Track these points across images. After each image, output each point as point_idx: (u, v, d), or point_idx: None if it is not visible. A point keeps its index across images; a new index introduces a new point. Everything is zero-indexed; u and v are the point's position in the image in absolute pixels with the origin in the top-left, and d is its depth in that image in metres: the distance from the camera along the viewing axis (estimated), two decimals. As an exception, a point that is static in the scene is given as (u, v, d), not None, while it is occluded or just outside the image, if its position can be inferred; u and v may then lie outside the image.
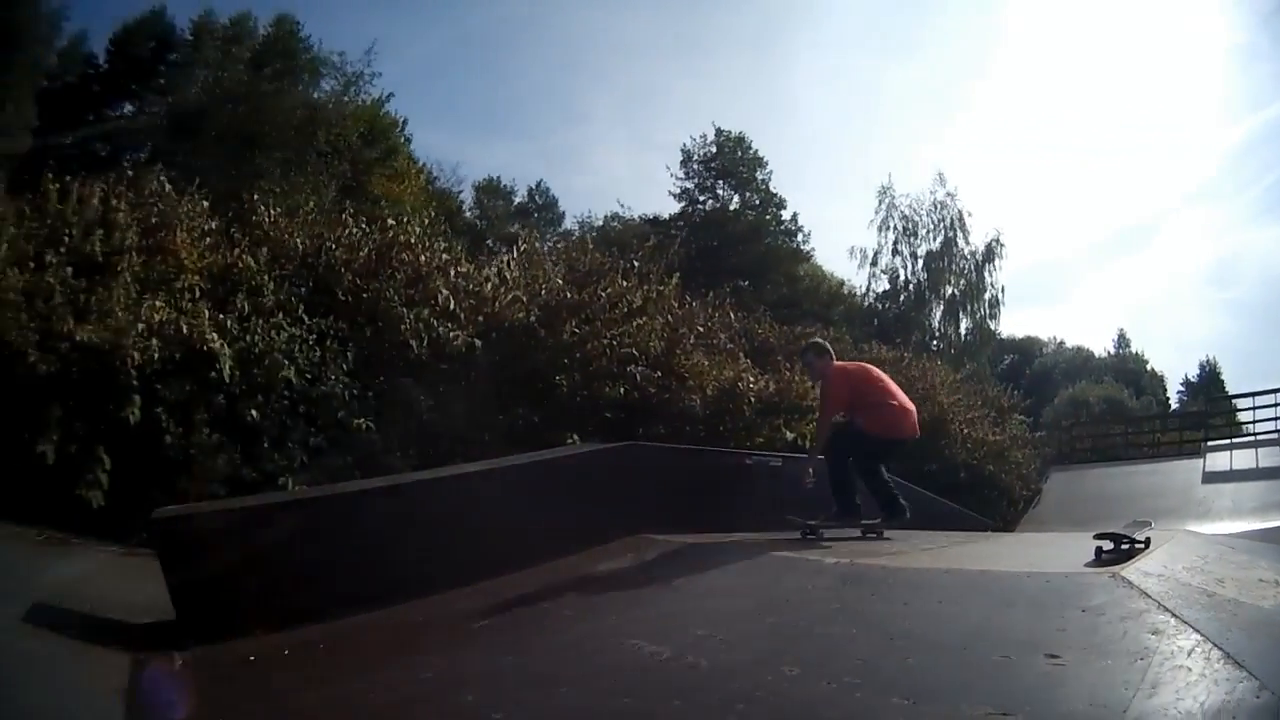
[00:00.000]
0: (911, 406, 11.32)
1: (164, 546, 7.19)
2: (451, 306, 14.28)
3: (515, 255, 17.59)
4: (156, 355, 11.27)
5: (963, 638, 5.53)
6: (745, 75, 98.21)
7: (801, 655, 5.44)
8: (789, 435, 16.72)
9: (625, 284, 16.71)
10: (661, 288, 17.75)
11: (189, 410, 11.37)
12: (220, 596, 6.93)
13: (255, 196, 16.74)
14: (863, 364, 12.12)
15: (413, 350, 13.46)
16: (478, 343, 13.98)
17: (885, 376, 11.49)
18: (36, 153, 35.03)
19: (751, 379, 17.80)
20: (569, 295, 15.68)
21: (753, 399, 17.11)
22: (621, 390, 15.04)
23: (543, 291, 15.74)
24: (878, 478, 11.04)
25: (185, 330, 11.53)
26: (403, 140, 49.43)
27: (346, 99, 44.14)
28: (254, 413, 11.72)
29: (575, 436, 13.64)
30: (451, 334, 13.79)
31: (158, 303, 11.83)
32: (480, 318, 14.60)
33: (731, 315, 21.58)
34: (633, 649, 5.90)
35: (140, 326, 11.33)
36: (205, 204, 14.33)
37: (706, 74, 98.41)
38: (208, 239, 13.56)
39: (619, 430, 14.29)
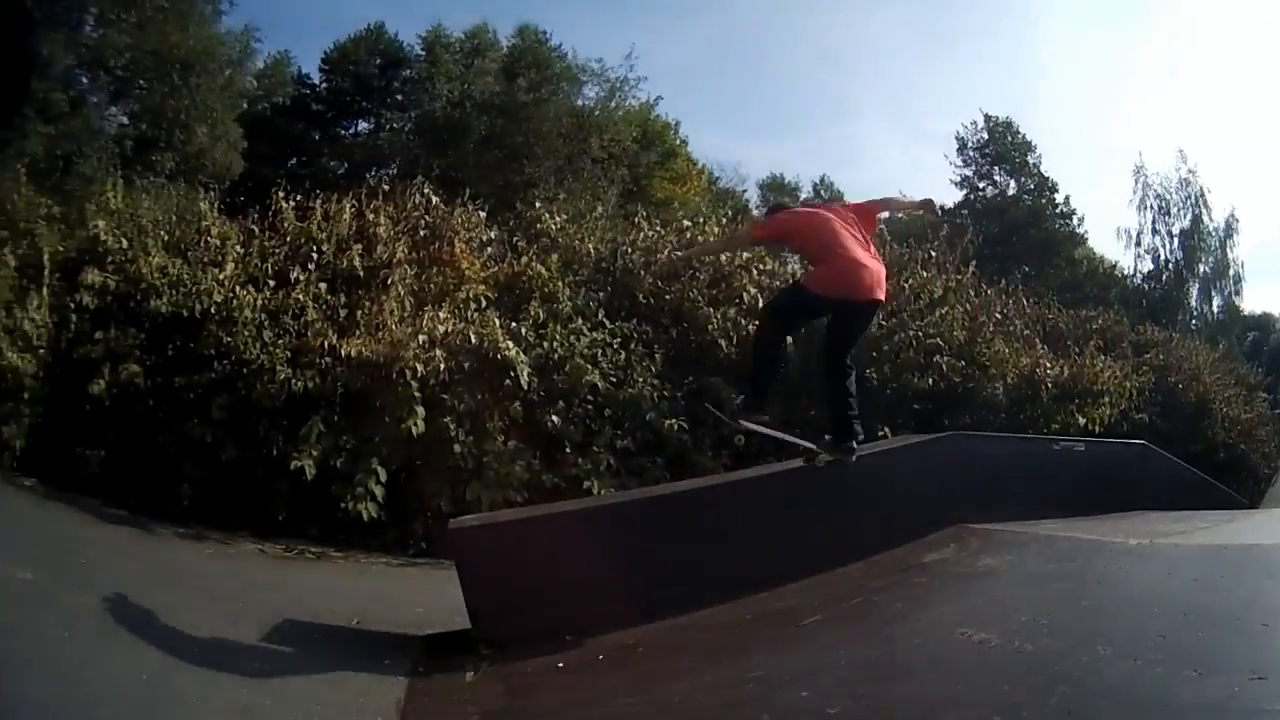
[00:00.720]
0: (871, 264, 8.23)
1: (461, 556, 7.09)
2: (759, 304, 13.50)
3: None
4: (442, 366, 11.13)
5: (1237, 609, 5.77)
6: (993, 60, 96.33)
7: (1112, 635, 5.49)
8: (1081, 420, 15.99)
9: (925, 274, 16.26)
10: (959, 277, 17.12)
11: (480, 418, 11.28)
12: (522, 604, 6.79)
13: (537, 205, 16.78)
14: (824, 213, 8.83)
15: (721, 349, 13.07)
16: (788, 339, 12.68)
17: (844, 229, 8.39)
18: (250, 174, 35.36)
19: (1048, 364, 16.96)
20: (875, 288, 14.28)
21: (1050, 385, 16.30)
22: (930, 381, 14.45)
23: (848, 284, 14.32)
24: (767, 341, 8.72)
25: (474, 340, 11.45)
26: (679, 142, 49.03)
27: (613, 104, 43.62)
28: (555, 418, 11.51)
29: (886, 429, 12.99)
30: (761, 330, 12.48)
31: (441, 314, 11.79)
32: (787, 314, 13.27)
33: (1025, 301, 20.06)
34: (962, 638, 5.79)
35: (421, 338, 11.30)
36: (482, 214, 14.24)
37: (958, 61, 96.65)
38: (489, 249, 13.64)
39: (926, 421, 13.74)
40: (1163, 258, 54.49)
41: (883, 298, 8.28)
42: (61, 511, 11.43)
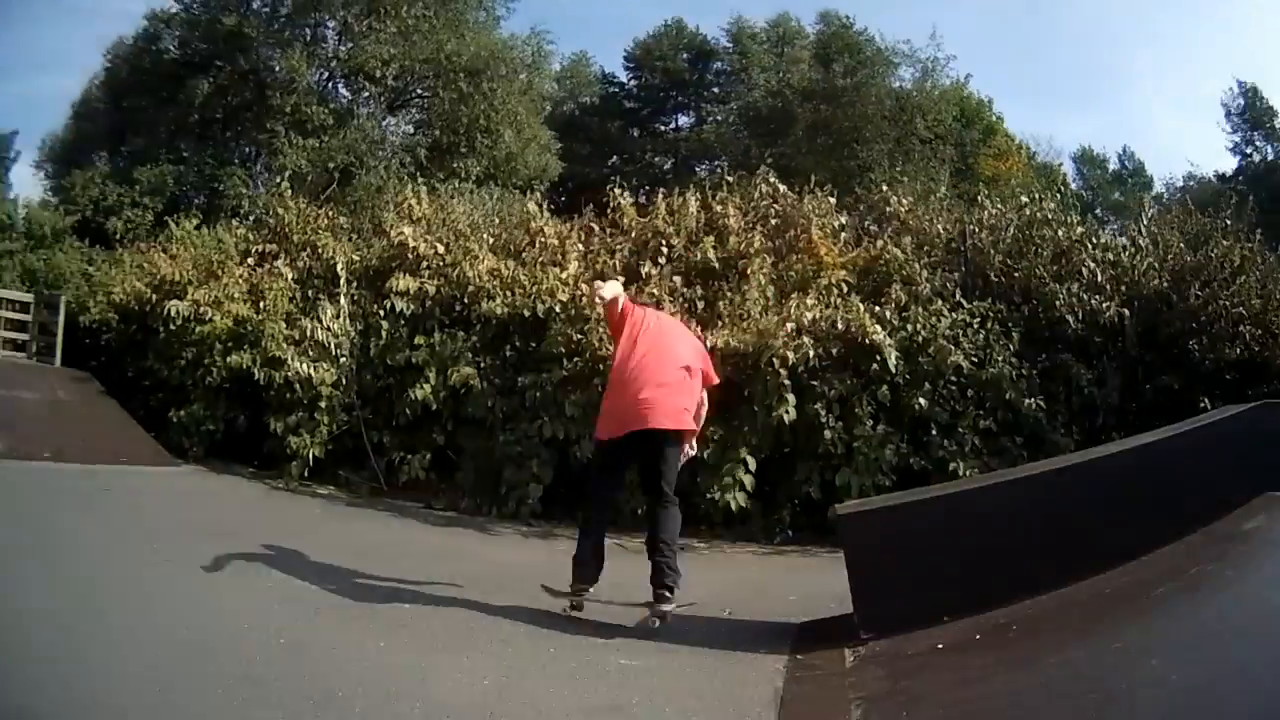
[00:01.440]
0: (657, 396, 7.42)
1: (848, 540, 7.21)
2: (1099, 279, 13.57)
3: (1145, 222, 16.53)
4: (811, 353, 11.41)
5: None
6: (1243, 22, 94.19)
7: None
8: (1342, 388, 15.74)
9: (1226, 243, 15.40)
10: (1250, 244, 15.95)
11: (849, 403, 11.37)
12: (903, 587, 6.87)
13: (884, 187, 16.71)
14: (655, 313, 8.30)
15: (1068, 325, 12.92)
16: (1125, 313, 13.24)
17: (659, 330, 7.88)
18: (569, 175, 37.31)
19: (1320, 332, 15.96)
20: (1189, 258, 14.74)
21: (1322, 352, 15.87)
22: (1237, 351, 13.93)
23: (1169, 256, 14.81)
24: (590, 499, 8.05)
25: (841, 326, 11.71)
26: (995, 119, 49.24)
27: (929, 85, 43.48)
28: (921, 401, 11.50)
29: (1206, 401, 12.69)
30: (1103, 305, 13.09)
31: (808, 301, 11.91)
32: (1122, 287, 13.87)
33: (1299, 268, 19.77)
34: (1277, 602, 5.82)
35: (790, 326, 11.59)
36: (831, 200, 14.12)
37: (1217, 24, 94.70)
38: (842, 234, 13.63)
39: (1231, 392, 13.22)
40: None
41: (666, 426, 7.43)
42: (372, 518, 11.90)
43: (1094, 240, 14.76)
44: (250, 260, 16.65)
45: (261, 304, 14.93)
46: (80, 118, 41.46)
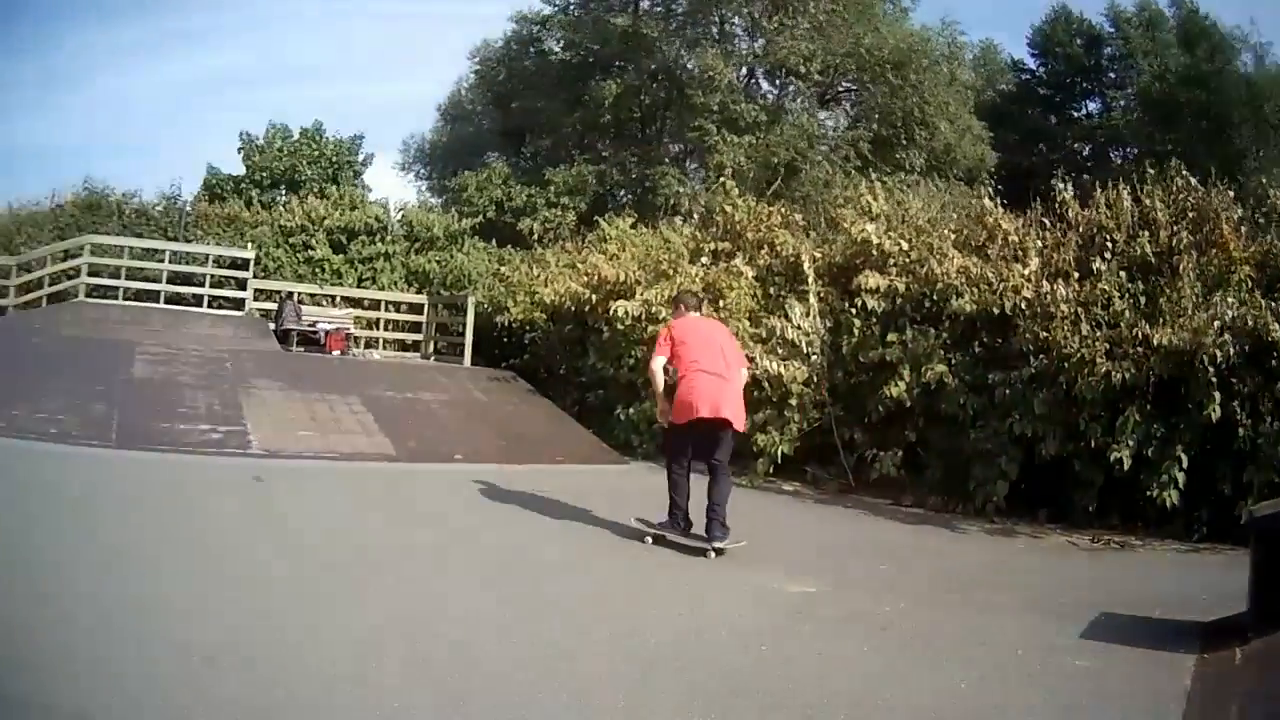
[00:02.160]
0: (709, 388, 9.36)
1: (1257, 540, 7.26)
2: None
3: None
4: (1232, 351, 11.32)
5: None
6: None
7: None
8: None
9: None
10: None
11: (1256, 402, 11.46)
12: None
13: (1264, 180, 16.77)
14: (696, 319, 10.28)
15: None
16: None
17: (705, 336, 9.84)
18: (1002, 164, 37.31)
19: None
20: None
21: None
22: None
23: None
24: (672, 474, 9.89)
25: (1250, 323, 11.52)
26: None
27: (1266, 68, 42.82)
28: None
29: None
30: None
31: (1229, 298, 11.95)
32: None
33: None
34: None
35: (1217, 324, 11.48)
36: (1231, 193, 13.93)
37: None
38: (1243, 227, 13.33)
39: None
40: None
41: (726, 418, 9.36)
42: (842, 515, 12.71)
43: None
44: (704, 259, 17.42)
45: (721, 303, 15.45)
46: (456, 119, 43.33)
